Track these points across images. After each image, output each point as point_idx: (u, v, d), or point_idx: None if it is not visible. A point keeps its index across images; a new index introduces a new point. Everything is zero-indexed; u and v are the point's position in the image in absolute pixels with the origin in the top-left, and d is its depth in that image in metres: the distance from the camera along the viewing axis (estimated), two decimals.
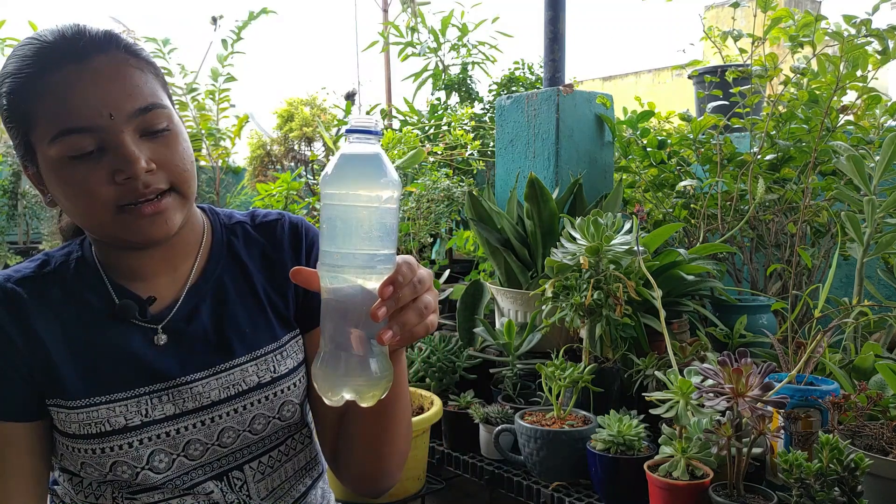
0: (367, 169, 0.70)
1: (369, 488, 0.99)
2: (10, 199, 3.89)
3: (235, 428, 0.92)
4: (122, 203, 0.82)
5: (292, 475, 1.00)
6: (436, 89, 3.63)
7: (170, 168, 0.84)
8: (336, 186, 0.70)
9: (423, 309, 0.73)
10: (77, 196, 0.82)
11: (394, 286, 0.70)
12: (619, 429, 1.36)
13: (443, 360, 1.87)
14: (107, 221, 0.83)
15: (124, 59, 0.83)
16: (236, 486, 0.93)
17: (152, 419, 0.87)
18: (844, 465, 1.07)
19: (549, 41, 2.41)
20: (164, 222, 0.84)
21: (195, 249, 0.96)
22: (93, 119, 0.79)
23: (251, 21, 3.78)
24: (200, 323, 0.93)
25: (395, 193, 0.71)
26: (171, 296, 0.94)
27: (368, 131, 0.70)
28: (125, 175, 0.80)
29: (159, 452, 0.88)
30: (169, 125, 0.85)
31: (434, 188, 2.63)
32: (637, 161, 2.24)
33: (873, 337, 1.64)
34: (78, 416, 0.86)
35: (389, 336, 0.70)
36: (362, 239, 0.70)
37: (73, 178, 0.81)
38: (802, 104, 1.91)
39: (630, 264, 1.55)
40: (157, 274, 0.93)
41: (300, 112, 4.51)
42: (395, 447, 0.95)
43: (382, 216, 0.70)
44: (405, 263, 0.72)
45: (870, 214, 1.51)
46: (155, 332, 0.91)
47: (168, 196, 0.84)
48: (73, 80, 0.79)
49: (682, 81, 3.79)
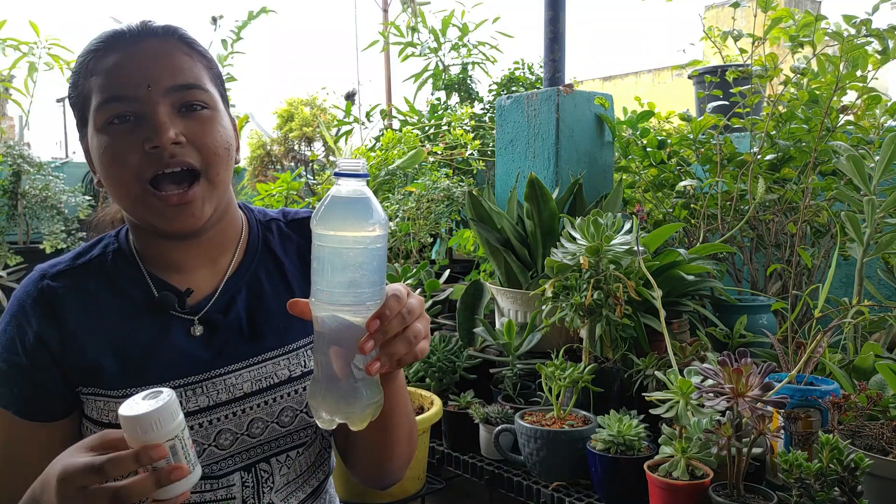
0: (354, 212, 0.73)
1: (376, 484, 1.04)
2: (10, 199, 3.89)
3: (264, 419, 0.94)
4: (148, 176, 0.84)
5: (307, 469, 1.02)
6: (436, 89, 3.63)
7: (200, 145, 0.86)
8: (325, 228, 0.73)
9: (412, 338, 0.76)
10: (110, 163, 0.85)
11: (381, 320, 0.73)
12: (619, 429, 1.36)
13: (443, 360, 1.87)
14: (136, 196, 0.86)
15: (175, 45, 0.89)
16: (262, 478, 0.95)
17: (187, 411, 0.90)
18: (844, 465, 1.07)
19: (549, 41, 2.41)
20: (192, 213, 0.86)
21: (234, 244, 0.99)
22: (133, 89, 0.84)
23: (251, 21, 3.78)
24: (236, 315, 0.95)
25: (382, 233, 0.74)
26: (208, 289, 0.96)
27: (356, 175, 0.74)
28: (153, 143, 0.83)
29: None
30: (207, 106, 0.88)
31: (434, 188, 2.63)
32: (637, 161, 2.24)
33: (873, 337, 1.64)
34: (117, 406, 0.88)
35: (377, 367, 0.74)
36: (350, 277, 0.73)
37: (108, 144, 0.85)
38: (802, 104, 1.91)
39: (630, 264, 1.55)
40: (196, 267, 0.96)
41: (300, 112, 4.51)
42: (396, 451, 0.98)
43: (370, 256, 0.74)
44: (393, 296, 0.75)
45: (870, 214, 1.51)
46: (192, 324, 0.93)
47: (196, 185, 0.86)
48: (125, 58, 0.86)
49: (682, 81, 3.79)
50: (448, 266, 2.70)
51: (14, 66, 3.90)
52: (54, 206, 3.97)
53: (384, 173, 2.83)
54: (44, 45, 3.93)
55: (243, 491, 0.94)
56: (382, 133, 3.38)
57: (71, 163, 6.58)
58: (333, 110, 4.42)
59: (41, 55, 3.93)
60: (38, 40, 3.91)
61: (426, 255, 2.86)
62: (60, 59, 3.96)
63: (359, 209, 0.73)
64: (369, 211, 0.74)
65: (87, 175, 7.08)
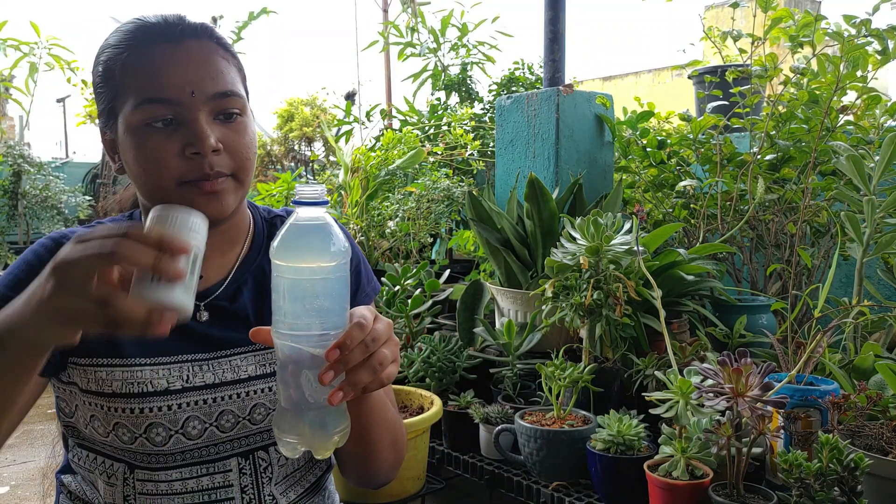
0: (314, 242, 0.71)
1: (366, 486, 1.04)
2: (10, 199, 3.89)
3: (266, 405, 0.95)
4: (186, 179, 0.86)
5: (305, 464, 1.02)
6: (435, 89, 3.63)
7: (234, 153, 0.89)
8: (283, 259, 0.71)
9: (376, 366, 0.74)
10: (147, 162, 0.87)
11: (341, 349, 0.71)
12: (619, 429, 1.36)
13: (443, 360, 1.87)
14: (168, 192, 0.87)
15: (214, 47, 0.90)
16: (261, 468, 0.96)
17: (193, 385, 0.91)
18: (844, 465, 1.07)
19: (549, 41, 2.41)
20: (220, 203, 0.88)
21: (243, 238, 1.01)
22: (176, 93, 0.85)
23: (251, 21, 3.79)
24: (242, 304, 0.97)
25: (344, 261, 0.72)
26: (215, 279, 0.98)
27: (315, 203, 0.71)
28: (194, 150, 0.85)
29: (194, 419, 0.91)
30: (241, 113, 0.90)
31: (434, 188, 2.64)
32: (637, 161, 2.24)
33: (873, 337, 1.64)
34: (122, 375, 0.89)
35: (340, 398, 0.72)
36: (311, 307, 0.71)
37: (146, 144, 0.86)
38: (802, 104, 1.91)
39: (630, 264, 1.55)
40: (206, 257, 0.96)
41: (300, 112, 4.52)
42: (379, 461, 0.97)
43: (330, 285, 0.71)
44: (356, 324, 0.73)
45: (869, 214, 1.51)
46: (198, 309, 0.95)
47: (227, 179, 0.89)
48: (166, 57, 0.86)
49: (682, 81, 3.79)
50: (448, 266, 2.70)
51: (15, 66, 3.91)
52: (54, 206, 3.98)
53: (384, 173, 2.84)
54: (44, 45, 3.93)
55: (241, 479, 0.94)
56: (382, 133, 3.38)
57: (71, 163, 6.57)
58: (333, 110, 4.42)
59: (42, 55, 3.94)
60: (39, 40, 3.91)
61: (426, 255, 2.86)
62: (61, 59, 3.96)
63: (318, 239, 0.71)
64: (329, 240, 0.71)
65: (87, 175, 7.08)
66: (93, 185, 6.88)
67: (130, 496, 0.92)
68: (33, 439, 3.31)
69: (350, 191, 2.82)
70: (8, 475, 2.91)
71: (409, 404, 1.81)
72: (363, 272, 1.07)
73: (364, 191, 2.81)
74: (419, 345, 1.94)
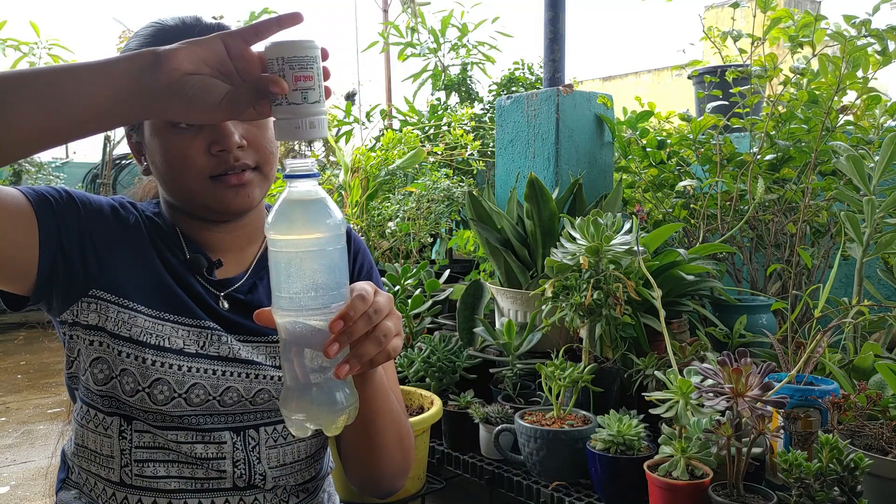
0: (308, 213, 0.72)
1: (371, 491, 1.02)
2: None
3: (271, 391, 0.96)
4: (214, 174, 0.90)
5: (302, 459, 1.01)
6: (436, 89, 3.64)
7: (258, 147, 0.93)
8: (279, 233, 0.71)
9: (381, 338, 0.74)
10: (175, 161, 0.90)
11: (344, 320, 0.72)
12: (619, 429, 1.36)
13: (443, 360, 1.87)
14: (197, 189, 0.91)
15: None
16: (249, 446, 0.96)
17: (206, 353, 0.93)
18: (844, 465, 1.07)
19: (549, 41, 2.41)
20: (246, 195, 0.92)
21: (260, 235, 1.05)
22: None
23: (252, 21, 3.78)
24: (258, 299, 1.00)
25: (339, 232, 0.72)
26: (235, 272, 1.01)
27: (307, 175, 0.72)
28: (220, 147, 0.89)
29: (199, 387, 0.92)
30: None
31: (434, 188, 2.64)
32: (637, 161, 2.24)
33: (873, 337, 1.64)
34: (144, 322, 0.91)
35: (346, 370, 0.72)
36: (310, 281, 0.71)
37: (173, 145, 0.90)
38: (802, 104, 1.91)
39: (630, 264, 1.55)
40: (226, 251, 1.01)
41: None
42: (385, 458, 0.96)
43: (328, 257, 0.72)
44: (358, 296, 0.74)
45: (869, 214, 1.51)
46: (218, 298, 0.98)
47: (252, 172, 0.93)
48: None
49: (682, 81, 3.79)
50: (448, 266, 2.70)
51: (14, 66, 3.91)
52: None
53: (384, 173, 2.84)
54: (44, 45, 3.94)
55: (234, 452, 0.95)
56: (382, 133, 3.38)
57: (71, 163, 6.57)
58: (333, 110, 4.42)
59: (41, 55, 3.94)
60: (39, 40, 3.92)
61: (426, 255, 2.86)
62: (61, 60, 3.96)
63: (313, 210, 0.71)
64: (324, 211, 0.72)
65: (87, 175, 7.08)
66: (93, 186, 6.88)
67: (126, 450, 0.92)
68: (33, 439, 3.31)
69: (350, 191, 2.82)
70: (8, 475, 2.92)
71: (410, 404, 1.81)
72: (375, 277, 1.10)
73: (364, 191, 2.81)
74: (419, 345, 1.94)
